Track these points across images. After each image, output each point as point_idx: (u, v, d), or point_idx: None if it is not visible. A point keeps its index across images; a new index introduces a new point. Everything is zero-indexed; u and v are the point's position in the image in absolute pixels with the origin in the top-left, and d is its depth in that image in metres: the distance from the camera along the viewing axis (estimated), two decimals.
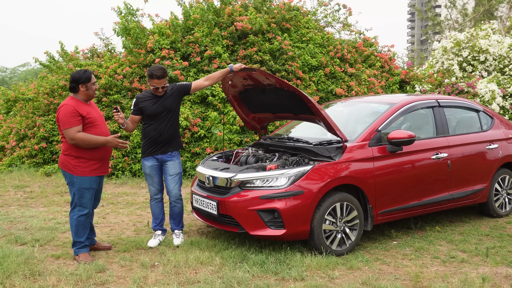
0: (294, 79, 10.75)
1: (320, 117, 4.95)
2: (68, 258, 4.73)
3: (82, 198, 4.65)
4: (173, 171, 5.16)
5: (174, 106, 5.17)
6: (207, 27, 10.86)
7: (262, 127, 6.29)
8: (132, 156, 9.88)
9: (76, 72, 4.67)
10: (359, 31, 13.32)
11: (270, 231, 4.67)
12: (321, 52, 11.71)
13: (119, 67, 10.72)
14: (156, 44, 10.55)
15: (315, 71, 11.38)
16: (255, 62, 10.63)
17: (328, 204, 4.77)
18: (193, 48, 10.60)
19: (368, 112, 5.71)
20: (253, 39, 10.69)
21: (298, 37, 11.73)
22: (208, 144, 9.56)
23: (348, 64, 11.90)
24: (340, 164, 4.88)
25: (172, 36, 10.63)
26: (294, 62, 10.81)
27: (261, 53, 10.66)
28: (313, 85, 10.98)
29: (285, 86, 5.07)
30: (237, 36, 10.94)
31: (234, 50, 10.92)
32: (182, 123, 9.34)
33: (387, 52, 12.93)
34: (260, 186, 4.74)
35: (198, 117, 9.79)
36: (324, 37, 12.15)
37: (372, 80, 11.44)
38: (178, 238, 5.20)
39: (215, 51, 10.45)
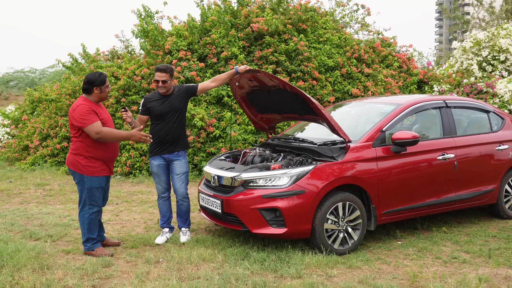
0: (310, 79, 10.79)
1: (323, 118, 5.01)
2: (77, 253, 4.91)
3: (92, 196, 4.83)
4: (179, 171, 5.30)
5: (181, 106, 5.32)
6: (224, 28, 11.01)
7: (270, 127, 6.38)
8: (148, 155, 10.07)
9: (91, 74, 4.85)
10: (377, 31, 13.27)
11: (272, 229, 4.76)
12: (338, 52, 11.72)
13: (138, 68, 10.94)
14: (173, 45, 10.74)
15: (331, 71, 11.40)
16: (271, 63, 10.72)
17: (330, 203, 4.84)
18: (209, 50, 10.76)
19: (374, 112, 5.74)
20: (269, 40, 10.78)
21: (315, 37, 11.76)
22: (223, 144, 9.70)
23: (365, 64, 11.88)
24: (342, 164, 4.94)
25: (189, 37, 10.81)
26: (310, 62, 10.85)
27: (277, 54, 10.74)
28: (329, 86, 10.99)
29: (288, 87, 5.15)
30: (253, 37, 11.05)
31: (251, 51, 11.03)
32: (198, 123, 9.49)
33: (406, 52, 12.84)
34: (262, 185, 4.84)
35: (214, 118, 9.93)
36: (342, 37, 12.15)
37: (389, 80, 11.40)
38: (184, 236, 5.35)
39: (231, 52, 10.58)
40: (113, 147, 4.97)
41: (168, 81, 5.24)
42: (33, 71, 37.33)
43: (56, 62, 12.60)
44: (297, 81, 10.67)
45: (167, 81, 5.23)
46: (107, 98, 4.97)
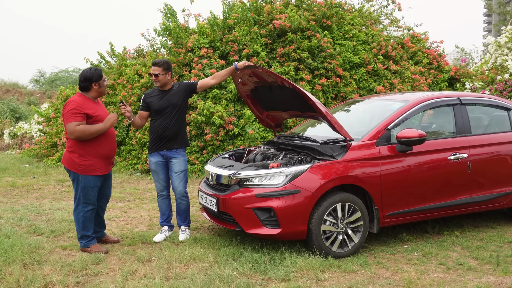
0: (333, 76, 10.55)
1: (321, 115, 4.83)
2: (74, 249, 4.93)
3: (87, 195, 4.81)
4: (177, 168, 5.23)
5: (180, 102, 5.24)
6: (247, 25, 10.90)
7: (276, 125, 6.23)
8: None
9: (86, 70, 4.83)
10: (407, 27, 12.85)
11: (266, 229, 4.62)
12: (364, 49, 11.41)
13: None
14: (195, 43, 10.72)
15: (356, 68, 11.11)
16: (293, 60, 10.54)
17: (328, 204, 4.65)
18: (231, 47, 10.68)
19: (382, 110, 5.50)
20: (291, 37, 10.60)
21: (340, 34, 11.49)
22: (242, 142, 9.60)
23: (392, 61, 11.51)
24: (341, 164, 4.74)
25: (211, 35, 10.76)
26: (334, 59, 10.60)
27: (299, 51, 10.54)
28: (354, 83, 10.71)
29: (286, 83, 4.99)
30: (276, 34, 10.89)
31: (273, 49, 10.87)
32: (216, 121, 9.43)
33: (436, 48, 12.36)
34: (258, 184, 4.70)
35: (233, 115, 9.85)
36: (369, 33, 11.82)
37: (417, 77, 10.99)
38: (183, 234, 5.28)
39: (253, 50, 10.46)
40: (110, 144, 4.92)
41: (160, 75, 5.17)
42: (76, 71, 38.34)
43: (85, 61, 12.82)
44: (320, 78, 10.46)
45: (159, 75, 5.17)
46: (105, 93, 4.95)
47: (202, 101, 9.83)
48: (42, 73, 37.03)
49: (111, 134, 4.93)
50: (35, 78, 36.90)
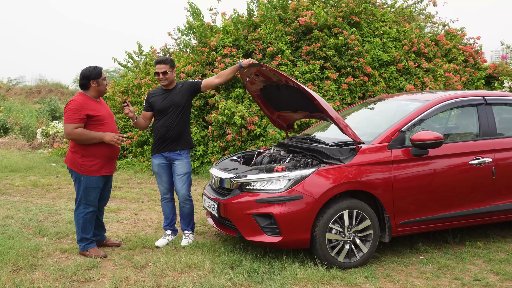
0: (361, 75, 10.14)
1: (328, 115, 4.53)
2: (73, 252, 4.81)
3: (88, 196, 4.69)
4: (180, 171, 5.04)
5: (183, 102, 5.05)
6: (272, 23, 10.64)
7: (288, 125, 5.95)
8: (191, 153, 9.98)
9: (86, 68, 4.72)
10: (443, 23, 12.26)
11: (266, 237, 4.36)
12: (395, 46, 10.94)
13: (186, 65, 10.88)
14: (219, 42, 10.54)
15: (386, 66, 10.66)
16: (319, 58, 10.20)
17: (334, 211, 4.34)
18: (255, 45, 10.45)
19: (397, 110, 5.14)
20: (317, 34, 10.27)
21: (370, 31, 11.06)
22: (263, 143, 9.35)
23: (425, 58, 10.99)
24: (349, 168, 4.42)
25: (235, 33, 10.56)
26: (362, 57, 10.19)
27: (325, 49, 10.19)
28: (383, 82, 10.27)
29: (290, 82, 4.71)
30: (302, 32, 10.58)
31: (298, 47, 10.57)
32: (237, 121, 9.22)
33: (473, 44, 11.72)
34: (259, 188, 4.45)
35: (256, 115, 9.62)
36: (400, 30, 11.33)
37: (450, 75, 10.44)
38: (186, 239, 5.09)
39: (277, 48, 10.20)
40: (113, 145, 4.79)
41: (169, 72, 5.02)
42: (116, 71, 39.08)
43: (112, 61, 12.88)
44: (346, 77, 10.08)
45: (167, 72, 5.01)
46: (105, 92, 4.82)
47: (224, 101, 9.65)
48: None
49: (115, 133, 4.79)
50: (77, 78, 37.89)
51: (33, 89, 31.41)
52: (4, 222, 5.90)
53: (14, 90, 31.81)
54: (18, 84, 35.13)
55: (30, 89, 30.92)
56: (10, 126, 18.02)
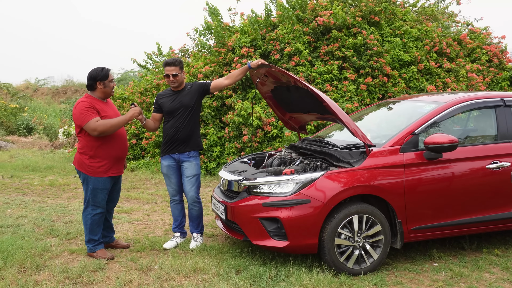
0: (380, 76, 9.96)
1: (337, 117, 4.41)
2: (81, 254, 4.81)
3: (96, 197, 4.68)
4: (189, 173, 4.99)
5: (192, 103, 5.00)
6: (289, 23, 10.54)
7: (300, 127, 5.85)
8: (208, 154, 9.96)
9: (93, 69, 4.70)
10: (466, 22, 11.96)
11: (273, 242, 4.26)
12: (416, 46, 10.72)
13: (203, 66, 10.86)
14: (237, 42, 10.48)
15: (407, 67, 10.44)
16: (337, 59, 10.06)
17: (343, 216, 4.22)
18: (273, 46, 10.36)
19: (410, 112, 4.99)
20: (336, 34, 10.12)
21: (390, 31, 10.86)
22: (280, 144, 9.26)
23: (447, 58, 10.73)
24: (359, 171, 4.29)
25: (252, 33, 10.49)
26: (381, 57, 10.00)
27: (344, 49, 10.03)
28: (403, 82, 10.06)
29: (299, 83, 4.61)
30: (320, 32, 10.45)
31: (317, 47, 10.44)
32: (254, 122, 9.15)
33: (498, 44, 11.40)
34: (266, 192, 4.36)
35: (273, 116, 9.52)
36: (422, 29, 11.09)
37: (473, 76, 10.16)
38: (194, 242, 5.03)
39: (295, 48, 10.09)
40: (121, 145, 4.77)
41: (179, 74, 4.97)
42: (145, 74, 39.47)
43: (132, 61, 12.94)
44: (365, 78, 9.91)
45: (178, 74, 4.96)
46: (112, 94, 4.79)
47: (240, 102, 9.59)
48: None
49: (122, 134, 4.78)
50: None
51: (59, 89, 31.92)
52: (17, 222, 5.95)
53: (41, 90, 32.39)
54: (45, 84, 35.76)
55: (56, 89, 31.43)
56: (34, 126, 18.33)
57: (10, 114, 18.38)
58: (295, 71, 9.86)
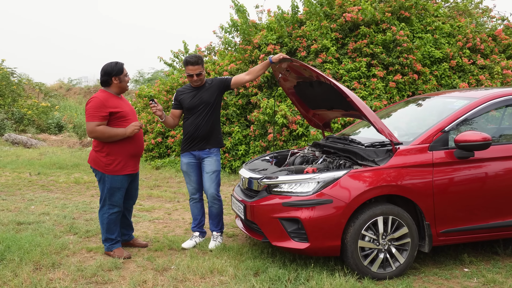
0: (410, 73, 9.63)
1: (362, 113, 4.20)
2: (99, 252, 4.73)
3: (113, 196, 4.58)
4: (209, 169, 4.85)
5: (213, 100, 4.86)
6: (317, 20, 10.32)
7: (325, 124, 5.64)
8: (233, 152, 9.83)
9: (107, 64, 4.59)
10: (501, 17, 11.50)
11: (293, 243, 4.08)
12: (448, 42, 10.34)
13: (229, 64, 10.74)
14: (263, 39, 10.32)
15: (438, 64, 10.08)
16: (365, 56, 9.78)
17: (367, 217, 4.01)
18: (300, 43, 10.16)
19: (440, 109, 4.73)
20: (364, 30, 9.84)
21: (421, 26, 10.51)
22: (305, 143, 9.05)
23: (480, 55, 10.31)
24: (385, 170, 4.07)
25: (278, 30, 10.31)
26: (411, 54, 9.67)
27: (373, 46, 9.75)
28: (434, 80, 9.71)
29: (322, 78, 4.42)
30: (348, 28, 10.18)
31: (344, 44, 10.18)
32: (279, 120, 8.97)
33: None
34: (286, 191, 4.18)
35: (298, 114, 9.32)
36: (454, 25, 10.70)
37: (508, 72, 9.73)
38: (213, 241, 4.90)
39: (322, 45, 9.86)
40: (137, 142, 4.66)
41: (202, 73, 4.84)
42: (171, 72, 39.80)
43: (158, 60, 12.94)
44: (394, 75, 9.60)
45: (202, 73, 4.82)
46: (127, 88, 4.69)
47: (266, 100, 9.43)
48: (141, 73, 38.83)
49: (139, 131, 4.66)
50: (135, 79, 38.88)
51: (91, 88, 32.44)
52: (39, 219, 5.94)
53: (74, 90, 33.01)
54: (78, 84, 36.41)
55: (88, 89, 31.95)
56: (64, 124, 18.59)
57: (41, 112, 18.69)
58: (322, 68, 9.64)
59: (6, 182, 8.65)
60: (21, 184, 8.47)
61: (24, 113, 17.88)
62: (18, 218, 5.94)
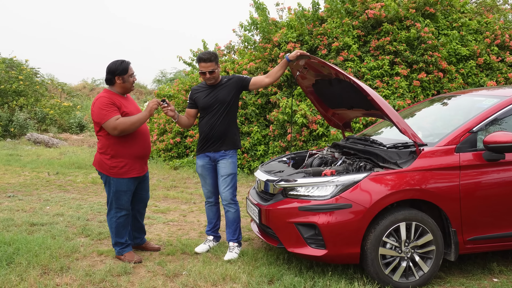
0: (435, 71, 9.30)
1: (383, 113, 3.95)
2: (110, 255, 4.59)
3: (119, 200, 4.42)
4: (224, 171, 4.64)
5: (229, 99, 4.64)
6: (338, 17, 10.06)
7: (344, 124, 5.41)
8: (251, 153, 9.65)
9: (112, 62, 4.42)
10: None
11: (310, 250, 3.87)
12: (475, 39, 9.96)
13: (248, 62, 10.56)
14: (283, 37, 10.11)
15: (465, 61, 9.72)
16: (388, 53, 9.48)
17: (388, 223, 3.78)
18: (320, 41, 9.91)
19: (468, 108, 4.45)
20: (387, 27, 9.54)
21: (447, 23, 10.16)
22: (325, 143, 8.80)
23: (510, 52, 9.91)
24: (408, 173, 3.83)
25: (299, 28, 10.08)
26: (437, 51, 9.33)
27: (396, 43, 9.44)
28: (460, 78, 9.36)
29: (341, 75, 4.19)
30: (370, 25, 9.89)
31: (367, 41, 9.89)
32: (299, 120, 8.75)
33: None
34: (303, 194, 3.97)
35: (319, 114, 9.08)
36: (482, 21, 10.31)
37: None
38: (230, 253, 4.58)
39: (343, 43, 9.60)
40: (143, 143, 4.48)
41: (216, 70, 4.61)
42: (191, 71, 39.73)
43: (178, 59, 12.84)
44: (418, 73, 9.28)
45: (215, 70, 4.61)
46: (132, 89, 4.51)
47: (285, 99, 9.22)
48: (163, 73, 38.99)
49: (144, 131, 4.50)
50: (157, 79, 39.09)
51: None
52: (52, 220, 5.84)
53: (97, 89, 33.22)
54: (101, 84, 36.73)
55: None
56: (86, 123, 18.66)
57: (63, 112, 18.81)
58: (344, 66, 9.38)
59: (25, 182, 8.63)
60: (38, 184, 8.44)
61: (46, 113, 18.01)
62: (32, 219, 5.86)
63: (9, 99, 17.95)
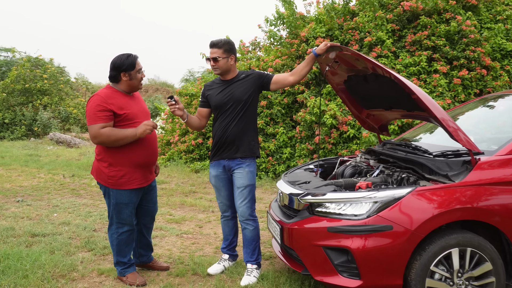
0: (478, 68, 8.50)
1: (431, 115, 3.28)
2: (111, 275, 4.04)
3: (120, 214, 3.84)
4: (240, 183, 4.00)
5: (246, 97, 3.98)
6: (371, 10, 9.34)
7: (381, 127, 4.72)
8: (277, 156, 9.02)
9: (117, 57, 3.81)
10: None
11: (341, 279, 3.22)
12: None
13: (274, 59, 9.93)
14: (311, 32, 9.44)
15: (511, 57, 8.88)
16: (426, 49, 8.72)
17: (438, 248, 3.10)
18: (352, 35, 9.21)
19: None
20: (425, 21, 8.77)
21: (491, 16, 9.33)
22: (357, 146, 8.11)
23: None
24: (461, 188, 3.14)
25: (328, 22, 9.40)
26: (480, 47, 8.53)
27: (434, 38, 8.67)
28: (505, 75, 8.54)
29: (379, 70, 3.52)
30: (406, 19, 9.14)
31: (402, 36, 9.15)
32: (328, 121, 8.08)
33: None
34: (333, 212, 3.32)
35: (350, 115, 8.40)
36: None
37: None
38: (247, 277, 3.94)
39: (376, 38, 8.88)
40: (148, 150, 3.85)
41: (220, 60, 3.93)
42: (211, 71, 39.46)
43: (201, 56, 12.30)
44: (459, 70, 8.50)
45: (218, 58, 3.94)
46: (140, 87, 3.91)
47: (313, 98, 8.56)
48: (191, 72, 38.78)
49: (150, 136, 3.89)
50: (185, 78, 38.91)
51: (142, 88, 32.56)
52: (56, 230, 5.34)
53: None
54: None
55: None
56: None
57: None
58: None
59: (38, 185, 8.21)
60: (51, 187, 8.01)
61: (70, 112, 17.77)
62: (35, 228, 5.37)
63: (34, 98, 17.78)
